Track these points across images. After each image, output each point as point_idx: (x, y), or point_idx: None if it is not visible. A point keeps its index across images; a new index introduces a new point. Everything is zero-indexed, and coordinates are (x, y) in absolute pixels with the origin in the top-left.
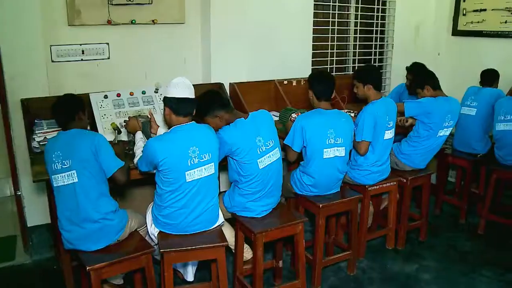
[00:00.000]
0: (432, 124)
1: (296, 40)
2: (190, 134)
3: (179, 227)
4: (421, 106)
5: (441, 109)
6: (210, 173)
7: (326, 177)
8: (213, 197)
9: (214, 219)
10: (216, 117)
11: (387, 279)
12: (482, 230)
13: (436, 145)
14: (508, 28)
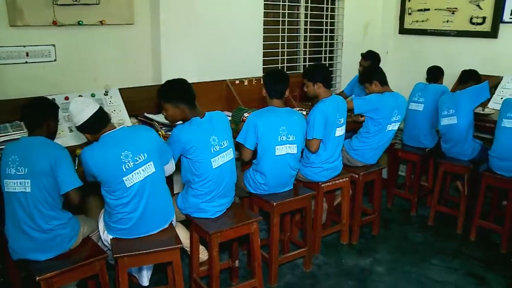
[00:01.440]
0: (380, 120)
1: (247, 39)
2: (119, 140)
3: (131, 231)
4: (368, 103)
5: (388, 104)
6: (150, 172)
7: (279, 175)
8: (161, 195)
9: (167, 216)
10: (177, 108)
11: (343, 273)
12: (431, 221)
13: (385, 140)
14: (450, 27)
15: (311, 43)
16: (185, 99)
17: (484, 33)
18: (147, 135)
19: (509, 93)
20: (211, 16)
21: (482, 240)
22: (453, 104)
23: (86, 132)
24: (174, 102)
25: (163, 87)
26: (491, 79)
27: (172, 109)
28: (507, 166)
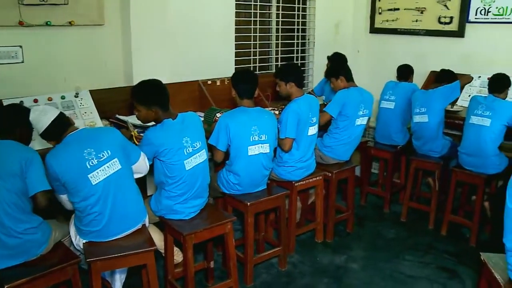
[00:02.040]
0: (348, 114)
1: (219, 40)
2: (81, 139)
3: (103, 232)
4: (338, 103)
5: (354, 99)
6: (116, 169)
7: (252, 174)
8: (129, 193)
9: (139, 215)
10: (150, 110)
11: (318, 271)
12: (404, 218)
13: (356, 135)
14: (419, 27)
15: (283, 42)
16: (159, 101)
17: (451, 33)
18: (109, 133)
19: (476, 90)
20: (183, 16)
21: (453, 234)
22: (425, 102)
23: (49, 139)
24: (147, 104)
25: (136, 87)
26: (463, 78)
27: (145, 111)
28: (475, 162)
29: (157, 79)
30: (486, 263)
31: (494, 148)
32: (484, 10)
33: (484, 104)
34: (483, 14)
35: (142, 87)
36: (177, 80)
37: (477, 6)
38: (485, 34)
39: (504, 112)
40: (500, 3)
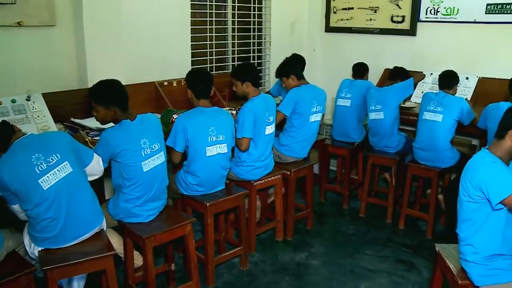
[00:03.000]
0: (301, 112)
1: (175, 40)
2: (28, 145)
3: (59, 238)
4: (290, 102)
5: (306, 96)
6: (68, 172)
7: (211, 175)
8: (83, 196)
9: (95, 218)
10: (109, 110)
11: (279, 269)
12: (363, 213)
13: (311, 132)
14: (373, 25)
15: (239, 42)
16: (118, 101)
17: (404, 31)
18: (57, 137)
19: (429, 87)
20: (137, 16)
21: (410, 227)
22: (380, 99)
23: None
24: (106, 104)
25: (95, 87)
26: (416, 75)
27: (104, 111)
28: (430, 156)
29: (116, 79)
30: (441, 254)
31: (446, 142)
32: (433, 10)
33: (435, 100)
34: (433, 13)
35: (101, 86)
36: (133, 82)
37: (427, 6)
38: (435, 32)
39: (454, 107)
40: (448, 4)
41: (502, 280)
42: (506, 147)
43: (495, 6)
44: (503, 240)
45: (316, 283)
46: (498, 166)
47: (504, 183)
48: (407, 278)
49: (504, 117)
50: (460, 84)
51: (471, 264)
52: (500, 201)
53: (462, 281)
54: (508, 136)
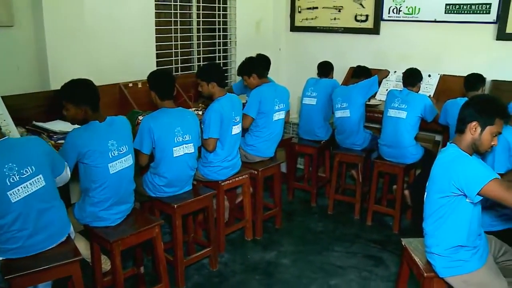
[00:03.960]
0: (265, 111)
1: (139, 40)
2: (2, 152)
3: (23, 249)
4: (254, 102)
5: (268, 94)
6: (40, 186)
7: (178, 175)
8: (53, 209)
9: (63, 228)
10: (79, 109)
11: (249, 269)
12: (331, 210)
13: (277, 131)
14: (337, 24)
15: (204, 42)
16: (88, 100)
17: (367, 30)
18: (35, 147)
19: (393, 85)
20: (100, 17)
21: (377, 223)
22: (346, 97)
23: None
24: (76, 102)
25: (66, 85)
26: (380, 73)
27: (74, 110)
28: (395, 152)
29: (88, 79)
30: (407, 248)
31: (410, 139)
32: (396, 9)
33: (399, 98)
34: (395, 12)
35: (71, 84)
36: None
37: (390, 5)
38: (398, 31)
39: (418, 104)
40: (409, 3)
41: (464, 271)
42: (468, 140)
43: (453, 6)
44: (467, 233)
45: (286, 281)
46: (471, 159)
47: (479, 173)
48: (376, 273)
49: (461, 112)
50: (423, 81)
51: (436, 256)
52: (478, 192)
53: (428, 274)
54: (468, 130)
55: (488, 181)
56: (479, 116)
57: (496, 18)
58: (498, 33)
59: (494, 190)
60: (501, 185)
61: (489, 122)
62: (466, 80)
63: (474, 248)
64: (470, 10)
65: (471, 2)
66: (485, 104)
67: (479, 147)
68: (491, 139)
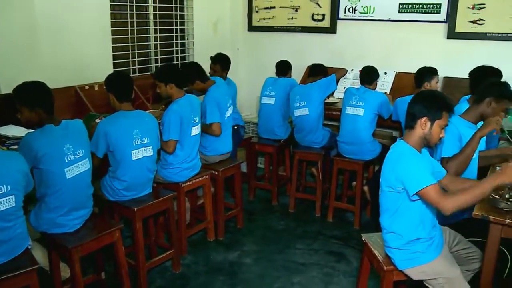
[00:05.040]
0: (220, 108)
1: (95, 42)
2: None
3: None
4: (214, 104)
5: (222, 94)
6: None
7: (138, 179)
8: (14, 225)
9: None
10: (33, 112)
11: (212, 270)
12: (292, 208)
13: (229, 127)
14: (294, 24)
15: (162, 43)
16: (42, 102)
17: (324, 29)
18: (11, 164)
19: (350, 83)
20: (53, 19)
21: (339, 219)
22: (304, 96)
23: None
24: (30, 105)
25: (19, 87)
26: (338, 71)
27: (28, 113)
28: (353, 149)
29: (41, 81)
30: (367, 243)
31: (368, 135)
32: (351, 8)
33: (357, 95)
34: (351, 12)
35: (24, 86)
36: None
37: (346, 5)
38: (354, 30)
39: (374, 102)
40: (364, 3)
41: (421, 262)
42: (418, 135)
43: (406, 5)
44: (422, 226)
45: (250, 280)
46: (417, 158)
47: (420, 176)
48: (338, 268)
49: (409, 109)
50: (379, 79)
51: (394, 250)
52: (415, 192)
53: (387, 267)
54: (418, 126)
55: (426, 186)
56: (427, 112)
57: (446, 18)
58: (448, 32)
59: (430, 195)
60: (437, 192)
61: (437, 116)
62: (414, 77)
63: (429, 239)
64: (422, 10)
65: (422, 2)
66: (432, 99)
67: (430, 141)
68: (440, 132)
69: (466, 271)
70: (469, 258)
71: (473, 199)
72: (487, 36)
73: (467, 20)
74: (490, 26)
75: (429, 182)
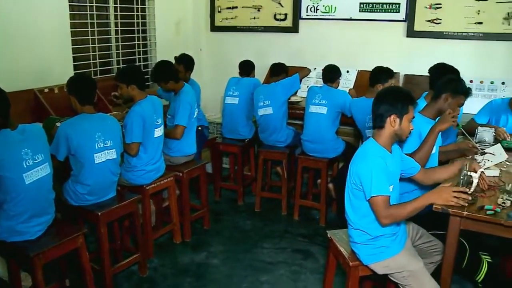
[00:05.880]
0: (191, 111)
1: (54, 44)
2: None
3: None
4: (188, 107)
5: (194, 96)
6: None
7: (101, 182)
8: None
9: None
10: None
11: (180, 272)
12: (258, 208)
13: (194, 128)
14: (257, 23)
15: (123, 44)
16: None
17: (287, 28)
18: None
19: (313, 81)
20: (9, 19)
21: (305, 217)
22: (268, 95)
23: None
24: None
25: None
26: (301, 71)
27: None
28: (317, 148)
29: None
30: (332, 239)
31: (331, 133)
32: (313, 8)
33: (320, 94)
34: (313, 11)
35: None
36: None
37: (308, 4)
38: (316, 29)
39: (337, 100)
40: (326, 2)
41: (385, 256)
42: (389, 132)
43: (366, 5)
44: None
45: (218, 281)
46: (378, 164)
47: (373, 185)
48: (305, 266)
49: (375, 109)
50: (341, 77)
51: (359, 245)
52: (368, 199)
53: (353, 263)
54: (388, 124)
55: (375, 195)
56: (394, 109)
57: (405, 17)
58: (408, 30)
59: (376, 205)
60: (383, 205)
61: (404, 111)
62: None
63: (393, 235)
64: (382, 9)
65: (382, 2)
66: (396, 96)
67: (402, 136)
68: (409, 125)
69: (429, 264)
70: (432, 251)
71: (408, 215)
72: (444, 35)
73: (425, 19)
74: (447, 25)
75: (380, 192)
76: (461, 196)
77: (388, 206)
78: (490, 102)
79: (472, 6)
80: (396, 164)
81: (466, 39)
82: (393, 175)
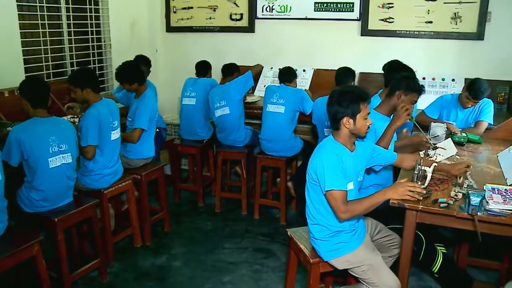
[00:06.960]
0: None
1: (2, 46)
2: None
3: None
4: (149, 111)
5: (154, 101)
6: None
7: (56, 187)
8: None
9: None
10: None
11: (141, 276)
12: (218, 208)
13: (154, 130)
14: (213, 24)
15: (77, 46)
16: None
17: (243, 28)
18: None
19: (270, 81)
20: None
21: (265, 216)
22: (223, 96)
23: None
24: None
25: None
26: (253, 68)
27: None
28: (275, 146)
29: None
30: (293, 237)
31: (289, 132)
32: (269, 7)
33: (277, 93)
34: (268, 11)
35: None
36: None
37: (263, 4)
38: (272, 29)
39: (294, 98)
40: (281, 2)
41: (345, 252)
42: (345, 133)
43: (321, 4)
44: None
45: (180, 283)
46: (334, 160)
47: (328, 179)
48: (267, 265)
49: (329, 112)
50: (298, 76)
51: (319, 241)
52: (324, 193)
53: (313, 259)
54: (343, 126)
55: (330, 189)
56: (345, 110)
57: (359, 16)
58: (362, 29)
59: (333, 200)
60: (340, 200)
61: (356, 111)
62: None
63: (352, 230)
64: (337, 8)
65: (337, 1)
66: (345, 97)
67: (359, 134)
68: (365, 122)
69: (387, 257)
70: (390, 245)
71: (366, 211)
72: (397, 33)
73: (378, 18)
74: (399, 24)
75: (336, 187)
76: (416, 190)
77: (345, 201)
78: (441, 97)
79: (422, 6)
80: (358, 162)
81: (417, 37)
82: (352, 172)
